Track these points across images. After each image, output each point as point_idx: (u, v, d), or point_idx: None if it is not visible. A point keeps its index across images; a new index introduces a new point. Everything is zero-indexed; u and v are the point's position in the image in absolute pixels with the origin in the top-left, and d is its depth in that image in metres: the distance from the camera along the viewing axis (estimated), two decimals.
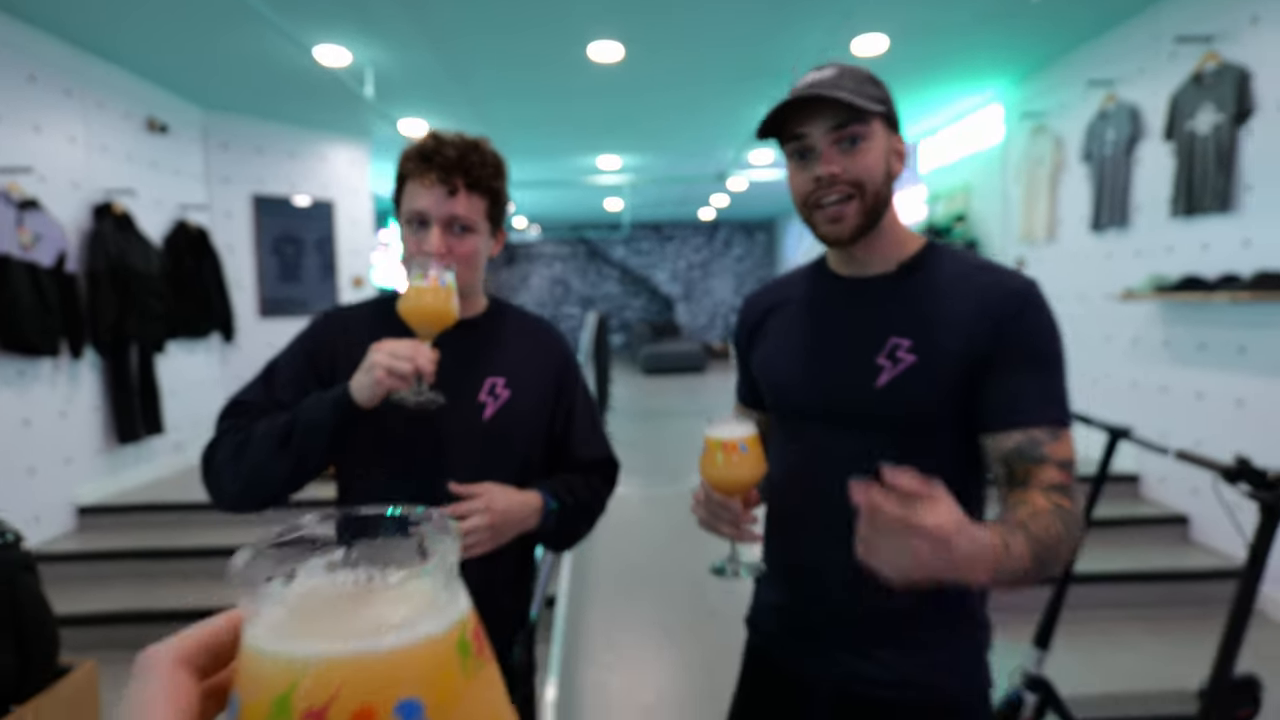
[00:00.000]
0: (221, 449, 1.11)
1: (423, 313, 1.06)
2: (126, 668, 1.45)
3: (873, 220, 1.01)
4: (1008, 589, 0.84)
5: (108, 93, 4.30)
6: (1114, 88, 4.18)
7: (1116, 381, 4.23)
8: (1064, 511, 0.88)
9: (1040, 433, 0.92)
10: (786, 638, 1.09)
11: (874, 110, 0.97)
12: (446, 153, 1.13)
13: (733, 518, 1.00)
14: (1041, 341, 0.95)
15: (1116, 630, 3.18)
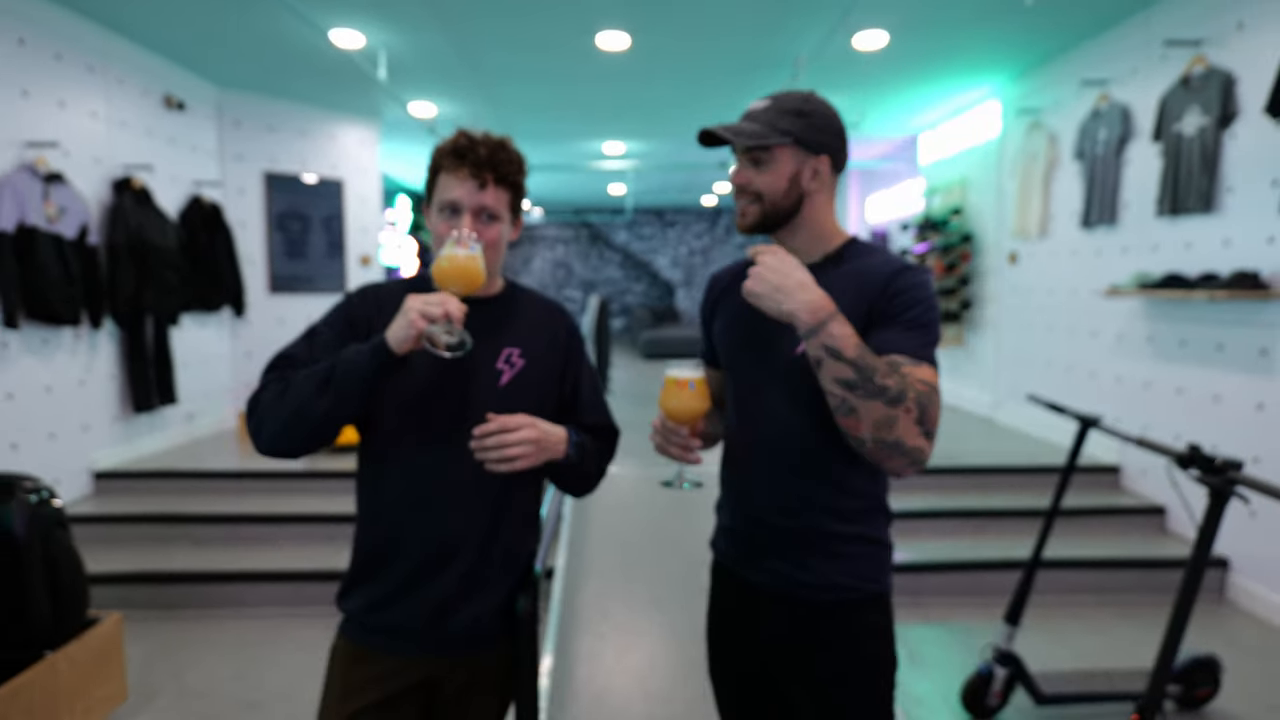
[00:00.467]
0: (266, 394, 1.22)
1: (455, 272, 1.19)
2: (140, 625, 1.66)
3: (772, 221, 1.26)
4: (838, 384, 1.08)
5: (128, 70, 4.40)
6: (1107, 87, 4.28)
7: (1102, 376, 4.36)
8: (911, 383, 1.11)
9: (901, 357, 1.13)
10: (737, 554, 1.34)
11: (773, 142, 1.21)
12: (479, 151, 1.27)
13: (681, 441, 1.26)
14: (904, 307, 1.17)
15: (1089, 614, 3.34)
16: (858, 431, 1.09)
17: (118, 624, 2.48)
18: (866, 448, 1.10)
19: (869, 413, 1.07)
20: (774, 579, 1.26)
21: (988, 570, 3.50)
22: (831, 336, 1.08)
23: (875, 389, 1.07)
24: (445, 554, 1.28)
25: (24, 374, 3.62)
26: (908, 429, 1.08)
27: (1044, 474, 4.24)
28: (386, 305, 1.31)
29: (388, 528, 1.27)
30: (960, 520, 3.90)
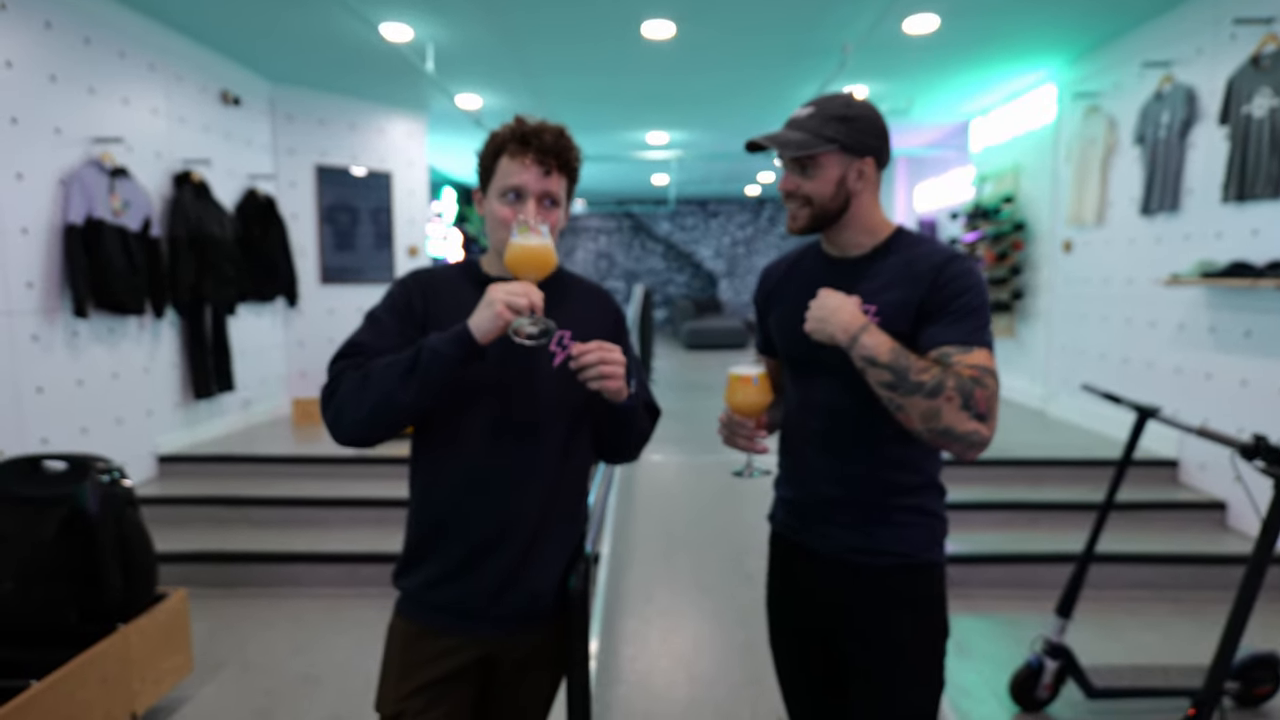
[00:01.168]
0: (344, 384, 1.22)
1: (530, 259, 1.22)
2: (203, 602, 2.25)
3: (822, 222, 1.35)
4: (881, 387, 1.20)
5: (186, 67, 4.55)
6: (1170, 69, 4.13)
7: (1160, 367, 4.23)
8: (953, 373, 1.19)
9: (950, 347, 1.22)
10: (797, 523, 1.43)
11: (818, 151, 1.29)
12: (544, 137, 1.29)
13: (747, 433, 1.35)
14: (952, 296, 1.25)
15: (1145, 610, 3.25)
16: (910, 424, 1.21)
17: (183, 599, 2.59)
18: (924, 437, 1.21)
19: (914, 407, 1.19)
20: (835, 546, 1.36)
21: (1038, 563, 3.43)
22: (865, 347, 1.21)
23: (912, 385, 1.18)
24: (504, 532, 1.30)
25: (93, 361, 3.79)
26: (953, 416, 1.17)
27: (1098, 467, 4.14)
28: (441, 290, 1.35)
29: (448, 507, 1.30)
30: (1011, 513, 3.83)
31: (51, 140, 3.54)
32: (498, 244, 1.31)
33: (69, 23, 3.64)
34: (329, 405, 1.25)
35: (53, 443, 3.50)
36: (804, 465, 1.40)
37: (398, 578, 1.37)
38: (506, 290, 1.17)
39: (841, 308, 1.24)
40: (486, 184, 1.34)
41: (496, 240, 1.31)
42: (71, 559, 2.28)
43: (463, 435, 1.31)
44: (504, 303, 1.16)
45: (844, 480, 1.35)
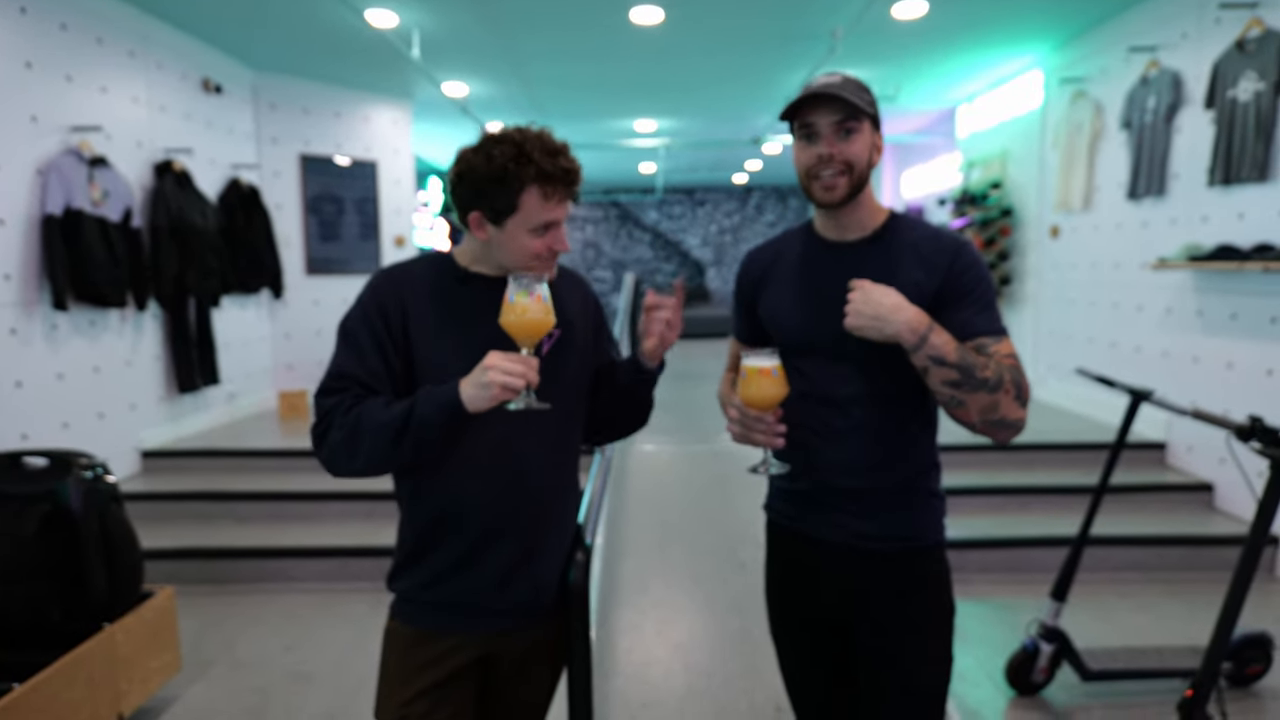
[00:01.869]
0: (334, 431, 1.21)
1: (528, 327, 1.17)
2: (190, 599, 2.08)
3: (855, 193, 1.32)
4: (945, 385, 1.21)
5: (167, 54, 4.45)
6: (1156, 54, 4.14)
7: (1149, 351, 4.25)
8: (1002, 364, 1.23)
9: (986, 339, 1.26)
10: (801, 512, 1.42)
11: (866, 111, 1.29)
12: (572, 175, 1.25)
13: (767, 428, 1.28)
14: (972, 284, 1.29)
15: (1136, 592, 3.28)
16: (968, 419, 1.24)
17: (170, 597, 2.55)
18: (976, 428, 1.25)
19: (976, 402, 1.22)
20: (843, 533, 1.35)
21: (1031, 547, 3.45)
22: (934, 347, 1.20)
23: (978, 382, 1.21)
24: (505, 524, 1.28)
25: (73, 355, 3.71)
26: (1009, 406, 1.23)
27: (1087, 450, 4.16)
28: (418, 289, 1.31)
29: (446, 501, 1.27)
30: (1003, 497, 3.85)
31: (28, 129, 3.45)
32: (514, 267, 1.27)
33: (45, 8, 3.55)
34: (320, 447, 1.24)
35: (33, 438, 3.43)
36: (809, 453, 1.37)
37: (393, 580, 1.34)
38: (505, 371, 1.13)
39: (902, 305, 1.21)
40: (499, 211, 1.25)
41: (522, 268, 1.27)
42: (54, 557, 2.23)
43: (457, 429, 1.28)
44: (501, 385, 1.13)
45: (856, 469, 1.33)
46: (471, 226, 1.29)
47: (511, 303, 1.18)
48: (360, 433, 1.20)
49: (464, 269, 1.34)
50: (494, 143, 1.23)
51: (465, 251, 1.36)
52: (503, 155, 1.21)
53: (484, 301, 1.31)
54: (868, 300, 1.22)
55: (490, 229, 1.28)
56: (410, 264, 1.37)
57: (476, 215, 1.27)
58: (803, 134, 1.33)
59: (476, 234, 1.29)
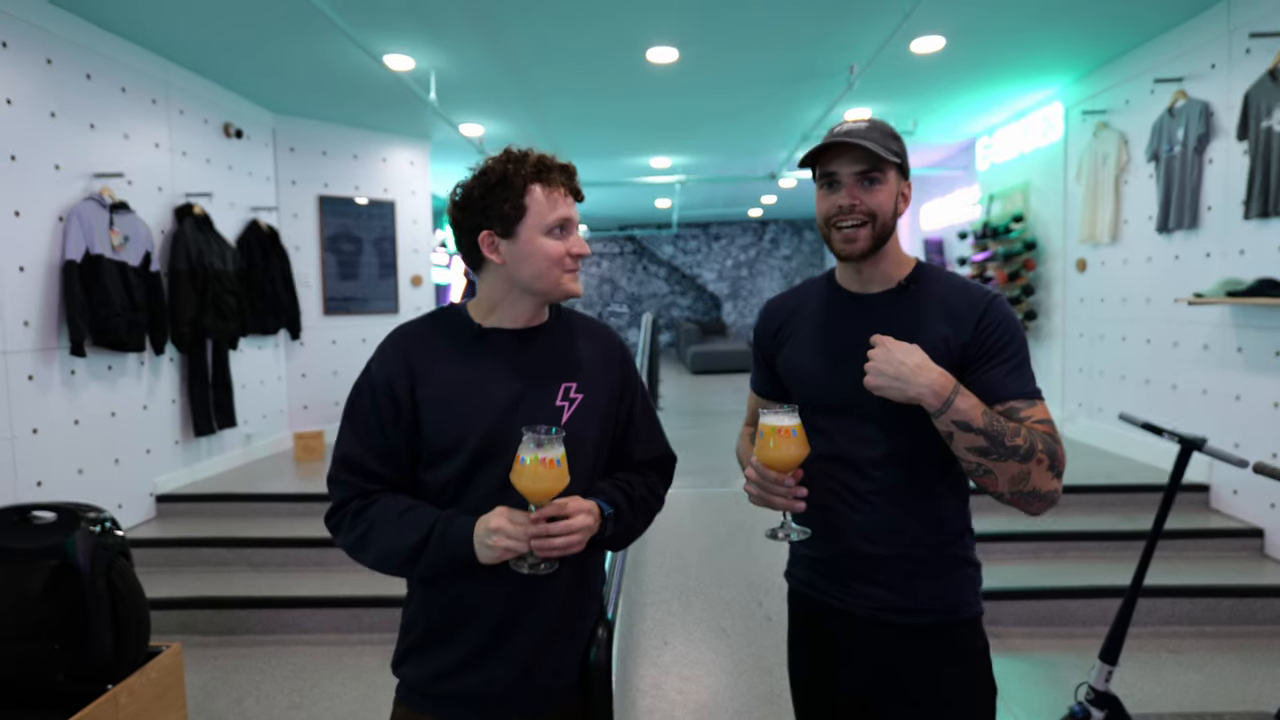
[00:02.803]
0: (345, 530, 1.21)
1: (538, 492, 1.11)
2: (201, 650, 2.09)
3: (879, 244, 1.25)
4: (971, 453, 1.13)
5: (189, 100, 4.51)
6: (1183, 84, 4.06)
7: (1186, 389, 4.11)
8: (1034, 431, 1.15)
9: (1017, 402, 1.18)
10: (823, 581, 1.33)
11: (891, 161, 1.22)
12: (568, 168, 1.24)
13: (786, 491, 1.21)
14: (1001, 338, 1.21)
15: (1187, 647, 3.10)
16: (996, 489, 1.16)
17: (178, 654, 2.47)
18: (1005, 499, 1.17)
19: (1004, 472, 1.14)
20: (872, 605, 1.27)
21: (1070, 598, 3.29)
22: (959, 412, 1.13)
23: (1007, 451, 1.13)
24: (526, 608, 1.20)
25: (90, 400, 3.69)
26: (1041, 477, 1.15)
27: (1124, 493, 4.01)
28: (427, 348, 1.26)
29: (462, 593, 1.19)
30: (1037, 543, 3.69)
31: (51, 177, 3.48)
32: (549, 285, 1.23)
33: (70, 59, 3.60)
34: (337, 536, 1.24)
35: (47, 485, 3.39)
36: (833, 518, 1.29)
37: (399, 666, 1.26)
38: (509, 535, 1.10)
39: (925, 366, 1.14)
40: (507, 219, 1.21)
41: (548, 282, 1.22)
42: (59, 615, 2.16)
43: (470, 504, 1.21)
44: (505, 549, 1.11)
45: (884, 536, 1.25)
46: (485, 252, 1.24)
47: (523, 464, 1.10)
48: (370, 544, 1.19)
49: (478, 324, 1.28)
50: (486, 163, 1.23)
51: (479, 304, 1.30)
52: (497, 164, 1.22)
53: (502, 359, 1.25)
54: (889, 359, 1.15)
55: (504, 246, 1.22)
56: (420, 323, 1.31)
57: (487, 236, 1.23)
58: (824, 182, 1.27)
59: (491, 259, 1.23)
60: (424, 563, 1.17)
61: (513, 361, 1.26)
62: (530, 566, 1.13)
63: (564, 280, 1.23)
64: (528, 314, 1.28)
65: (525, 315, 1.28)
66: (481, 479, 1.21)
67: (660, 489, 1.38)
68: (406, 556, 1.17)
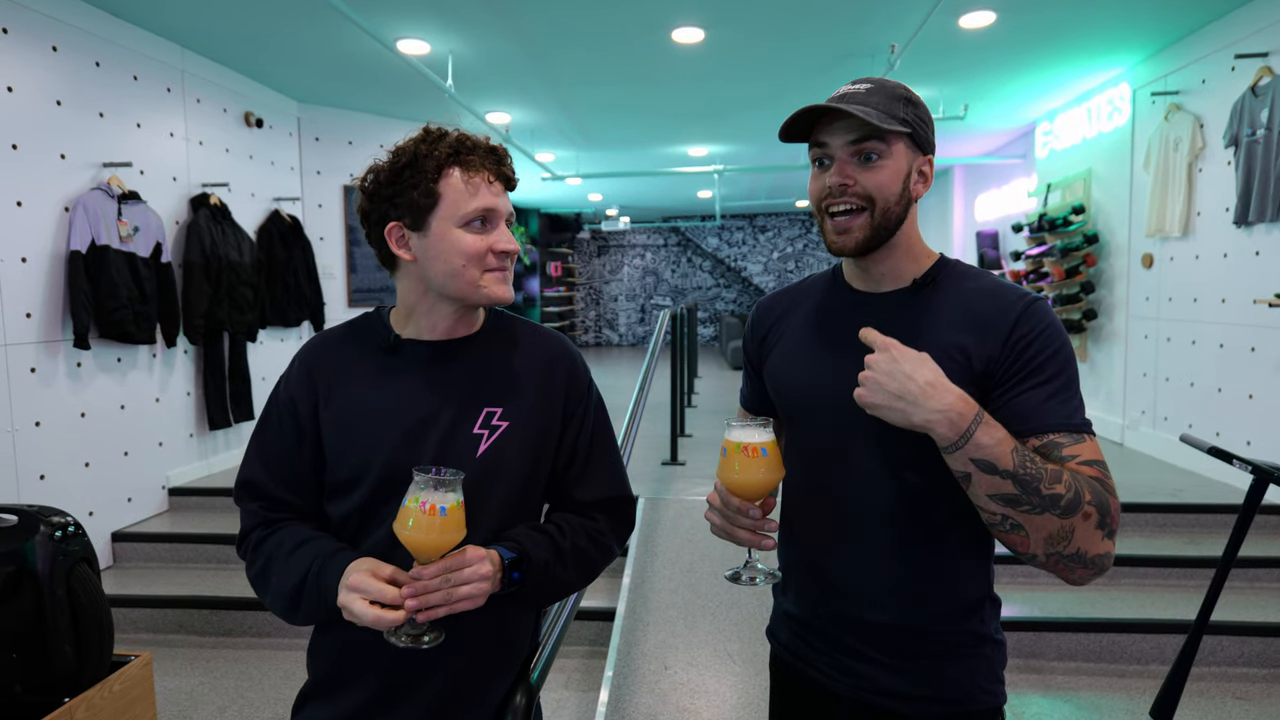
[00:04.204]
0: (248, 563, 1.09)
1: (424, 546, 0.91)
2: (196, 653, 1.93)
3: (880, 237, 1.01)
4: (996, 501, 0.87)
5: (206, 89, 4.44)
6: (1269, 60, 3.63)
7: (1265, 400, 3.70)
8: (1080, 476, 0.88)
9: (1059, 437, 0.92)
10: (807, 649, 1.10)
11: (894, 130, 0.98)
12: (490, 147, 1.06)
13: (750, 524, 0.99)
14: (1041, 357, 0.94)
15: (1257, 693, 2.75)
16: (1026, 548, 0.89)
17: (147, 665, 2.37)
18: (1038, 561, 0.90)
19: (1039, 528, 0.87)
20: (861, 686, 1.04)
21: (1122, 632, 2.97)
22: (981, 448, 0.87)
23: (1044, 501, 0.86)
24: (428, 659, 1.02)
25: (97, 392, 3.65)
26: (1088, 536, 0.87)
27: (1189, 514, 3.63)
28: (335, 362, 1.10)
29: (352, 634, 1.02)
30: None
31: (56, 166, 3.43)
32: (464, 287, 1.03)
33: (77, 46, 3.54)
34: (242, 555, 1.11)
35: (51, 478, 3.36)
36: (819, 572, 1.07)
37: (299, 710, 1.10)
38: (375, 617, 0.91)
39: (939, 384, 0.88)
40: (417, 209, 1.02)
41: (463, 283, 1.03)
42: (16, 624, 2.07)
43: (374, 540, 1.04)
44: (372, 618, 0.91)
45: (878, 596, 1.02)
46: (393, 248, 1.05)
47: (406, 508, 0.90)
48: (265, 583, 1.06)
49: (396, 335, 1.10)
50: (399, 143, 1.05)
51: (398, 309, 1.12)
52: (409, 144, 1.03)
53: (416, 376, 1.07)
54: (893, 372, 0.89)
55: (414, 241, 1.04)
56: (335, 332, 1.14)
57: (394, 228, 1.04)
58: (815, 159, 1.04)
59: (401, 256, 1.05)
60: (303, 611, 1.02)
61: (428, 379, 1.07)
62: (408, 637, 0.92)
63: (484, 282, 1.04)
64: (448, 322, 1.09)
65: (446, 324, 1.09)
66: (383, 518, 1.04)
67: (609, 538, 1.15)
68: (287, 603, 1.03)
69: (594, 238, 15.25)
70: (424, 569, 0.92)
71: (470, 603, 0.94)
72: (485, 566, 0.95)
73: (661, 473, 4.48)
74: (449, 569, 0.92)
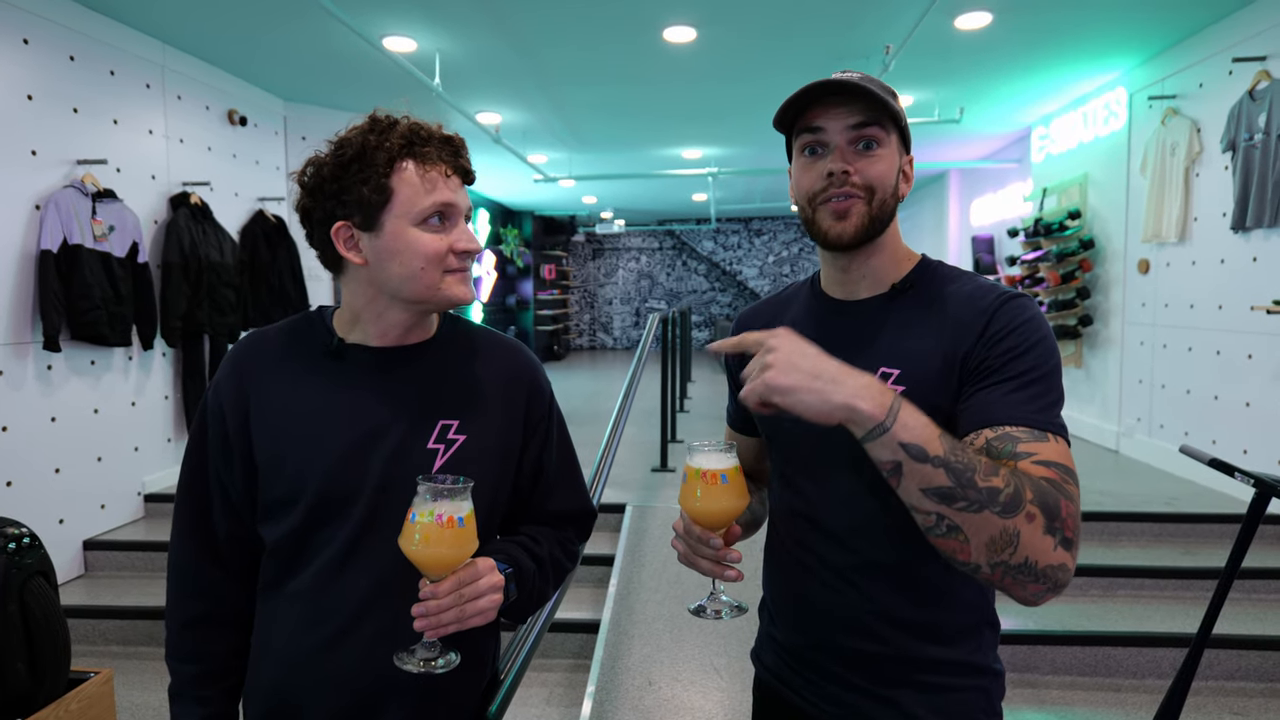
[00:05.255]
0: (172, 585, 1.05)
1: (434, 561, 0.84)
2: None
3: (874, 230, 0.95)
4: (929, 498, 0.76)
5: (188, 86, 4.36)
6: (1267, 64, 3.58)
7: (1263, 409, 3.64)
8: (1025, 473, 0.78)
9: (1018, 431, 0.82)
10: (792, 675, 1.04)
11: (894, 120, 0.94)
12: (445, 137, 0.98)
13: (712, 554, 0.92)
14: (1012, 354, 0.87)
15: (1251, 709, 2.68)
16: (967, 557, 0.77)
17: (107, 682, 2.27)
18: (982, 574, 0.78)
19: (979, 530, 0.75)
20: (845, 714, 0.98)
21: (1118, 645, 2.89)
22: (908, 429, 0.76)
23: (981, 495, 0.75)
24: (380, 692, 0.94)
25: (70, 396, 3.55)
26: (1035, 543, 0.75)
27: (1186, 523, 3.56)
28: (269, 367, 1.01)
29: (292, 669, 0.95)
30: (1083, 579, 3.28)
31: (27, 163, 3.33)
32: (422, 290, 0.95)
33: (50, 39, 3.45)
34: None
35: (19, 485, 3.26)
36: (804, 596, 1.01)
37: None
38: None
39: (849, 369, 0.78)
40: (368, 207, 0.94)
41: (421, 287, 0.94)
42: None
43: (310, 568, 0.96)
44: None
45: (868, 627, 0.95)
46: (341, 249, 0.96)
47: (414, 522, 0.83)
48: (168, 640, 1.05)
49: (338, 338, 1.00)
50: (344, 133, 0.96)
51: (343, 312, 1.03)
52: (356, 134, 0.94)
53: (362, 385, 0.98)
54: (803, 352, 0.79)
55: (365, 242, 0.95)
56: (269, 333, 1.04)
57: (342, 228, 0.95)
58: (806, 147, 0.97)
59: (350, 259, 0.96)
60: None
61: (375, 389, 0.99)
62: (422, 662, 0.86)
63: (445, 284, 0.96)
64: (401, 328, 1.00)
65: (398, 330, 1.00)
66: (322, 542, 0.95)
67: (576, 545, 1.12)
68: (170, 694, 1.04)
69: (588, 240, 15.17)
70: (437, 586, 0.85)
71: (482, 618, 0.88)
72: (497, 576, 0.90)
73: (650, 479, 4.40)
74: (462, 583, 0.86)
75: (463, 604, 0.85)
